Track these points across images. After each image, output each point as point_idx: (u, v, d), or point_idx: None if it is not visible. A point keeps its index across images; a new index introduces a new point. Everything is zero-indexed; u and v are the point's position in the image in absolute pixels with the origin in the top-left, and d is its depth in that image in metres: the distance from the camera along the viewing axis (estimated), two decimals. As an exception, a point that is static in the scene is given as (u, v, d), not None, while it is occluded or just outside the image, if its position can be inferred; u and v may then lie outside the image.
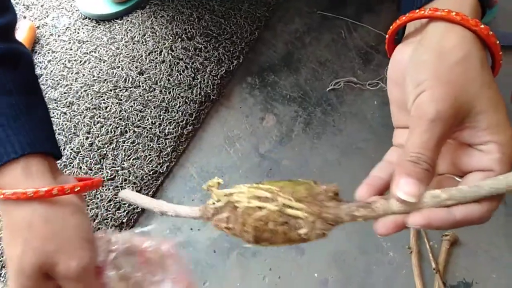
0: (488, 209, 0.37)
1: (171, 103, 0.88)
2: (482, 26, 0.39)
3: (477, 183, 0.37)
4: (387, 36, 0.46)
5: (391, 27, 0.45)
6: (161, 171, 0.84)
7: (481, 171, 0.38)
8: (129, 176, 0.82)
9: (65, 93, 0.90)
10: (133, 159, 0.84)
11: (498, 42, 0.40)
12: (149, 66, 0.93)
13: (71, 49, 0.96)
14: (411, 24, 0.45)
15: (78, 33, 0.98)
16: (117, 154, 0.84)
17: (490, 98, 0.38)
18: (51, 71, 0.93)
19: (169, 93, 0.89)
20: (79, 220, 0.47)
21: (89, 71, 0.93)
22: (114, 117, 0.87)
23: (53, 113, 0.88)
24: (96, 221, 0.78)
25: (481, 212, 0.37)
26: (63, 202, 0.47)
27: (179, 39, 0.96)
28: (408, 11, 0.43)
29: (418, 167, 0.37)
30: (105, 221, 0.78)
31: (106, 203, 0.80)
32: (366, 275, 0.79)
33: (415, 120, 0.38)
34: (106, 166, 0.83)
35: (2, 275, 0.76)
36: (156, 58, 0.94)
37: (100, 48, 0.95)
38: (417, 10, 0.42)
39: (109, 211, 0.79)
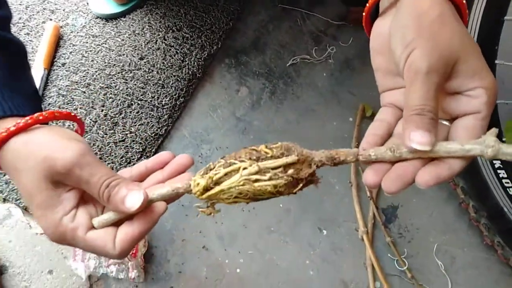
0: (462, 167, 0.34)
1: (166, 81, 0.88)
2: None
3: (473, 143, 0.33)
4: (363, 14, 0.42)
5: (367, 5, 0.41)
6: (161, 133, 0.84)
7: (470, 114, 0.35)
8: (136, 138, 0.83)
9: (83, 76, 0.90)
10: (139, 125, 0.84)
11: (464, 1, 0.36)
12: (148, 53, 0.92)
13: (87, 42, 0.94)
14: (384, 1, 0.40)
15: (92, 29, 0.96)
16: (126, 121, 0.84)
17: (471, 46, 0.34)
18: (72, 60, 0.92)
19: (164, 73, 0.89)
20: (59, 131, 0.39)
21: (101, 58, 0.92)
22: (122, 93, 0.87)
23: (75, 92, 0.88)
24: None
25: (462, 167, 0.34)
26: (41, 127, 0.40)
27: (170, 31, 0.94)
28: None
29: (424, 118, 0.33)
30: (119, 172, 0.79)
31: (119, 159, 0.81)
32: (319, 203, 0.81)
33: (411, 76, 0.34)
34: (117, 131, 0.83)
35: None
36: (153, 46, 0.93)
37: (109, 40, 0.94)
38: None
39: (122, 164, 0.80)
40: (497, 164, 0.72)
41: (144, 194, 0.36)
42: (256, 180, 0.35)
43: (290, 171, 0.36)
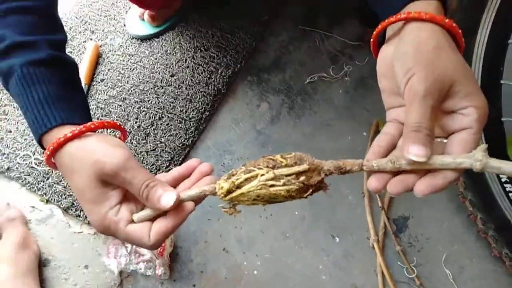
0: (455, 178, 0.38)
1: (193, 96, 0.96)
2: (447, 20, 0.39)
3: (462, 157, 0.37)
4: (371, 40, 0.45)
5: (374, 32, 0.44)
6: (188, 144, 0.92)
7: (463, 129, 0.38)
8: (165, 148, 0.90)
9: (120, 91, 0.98)
10: (168, 136, 0.92)
11: (460, 31, 0.40)
12: (178, 71, 1.00)
13: (123, 61, 1.03)
14: (390, 28, 0.44)
15: (128, 49, 1.05)
16: (157, 132, 0.92)
17: (464, 72, 0.38)
18: (110, 76, 1.01)
19: (192, 89, 0.97)
20: (107, 138, 0.46)
21: (136, 75, 1.00)
22: (154, 107, 0.95)
23: (112, 105, 0.96)
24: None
25: (456, 177, 0.38)
26: (93, 134, 0.46)
27: (199, 50, 1.02)
28: (386, 17, 0.42)
29: (421, 134, 0.37)
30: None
31: (150, 166, 0.88)
32: (332, 212, 0.86)
33: (410, 99, 0.38)
34: (149, 141, 0.91)
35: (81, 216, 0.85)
36: (183, 64, 1.00)
37: (144, 59, 1.02)
38: (394, 16, 0.42)
39: (152, 171, 0.88)
40: (504, 178, 0.75)
41: (177, 194, 0.42)
42: (272, 185, 0.40)
43: (302, 178, 0.41)
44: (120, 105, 0.96)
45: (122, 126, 0.51)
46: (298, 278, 0.80)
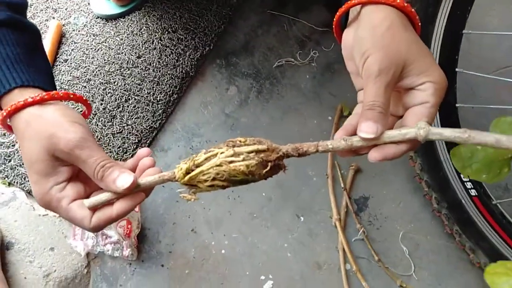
0: (407, 148, 0.40)
1: (161, 79, 0.95)
2: (398, 0, 0.41)
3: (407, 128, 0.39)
4: (333, 26, 0.47)
5: (335, 17, 0.46)
6: (155, 127, 0.91)
7: (420, 104, 0.40)
8: (132, 130, 0.89)
9: (84, 72, 0.96)
10: (135, 118, 0.91)
11: (413, 10, 0.42)
12: (145, 52, 0.98)
13: (87, 41, 1.00)
14: (351, 12, 0.45)
15: (93, 28, 1.02)
16: (123, 115, 0.91)
17: (418, 49, 0.40)
18: (74, 57, 0.98)
19: (159, 71, 0.96)
20: (69, 111, 0.44)
21: (101, 56, 0.98)
22: (120, 89, 0.93)
23: (76, 87, 0.94)
24: (110, 161, 0.85)
25: (402, 150, 0.40)
26: (54, 103, 0.44)
27: (166, 32, 1.01)
28: (345, 1, 0.43)
29: (373, 112, 0.38)
30: (116, 161, 0.86)
31: (117, 149, 0.87)
32: (298, 193, 0.89)
33: (365, 79, 0.39)
34: (115, 123, 0.90)
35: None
36: (150, 46, 0.99)
37: (109, 40, 1.00)
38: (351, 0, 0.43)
39: (119, 154, 0.87)
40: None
41: (134, 177, 0.41)
42: (231, 162, 0.40)
43: (261, 155, 0.41)
44: (85, 87, 0.94)
45: (89, 102, 0.50)
46: (264, 256, 0.83)
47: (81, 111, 0.51)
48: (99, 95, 0.93)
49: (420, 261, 0.84)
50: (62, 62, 0.97)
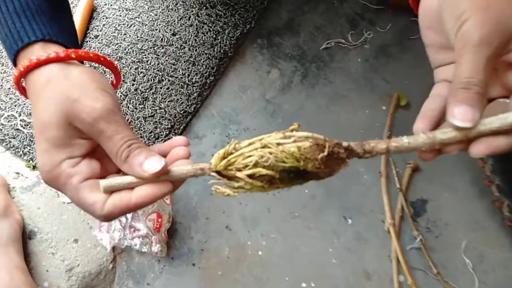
0: None
1: (197, 58, 0.87)
2: None
3: None
4: None
5: None
6: (190, 111, 0.83)
7: None
8: (165, 114, 0.82)
9: (115, 49, 0.89)
10: (168, 101, 0.83)
11: None
12: (180, 29, 0.90)
13: (120, 16, 0.93)
14: None
15: (125, 2, 0.95)
16: (156, 97, 0.84)
17: None
18: (105, 33, 0.91)
19: (196, 50, 0.88)
20: (98, 76, 0.38)
21: (134, 32, 0.90)
22: (153, 69, 0.86)
23: (107, 66, 0.88)
24: (140, 147, 0.79)
25: None
26: (81, 65, 0.38)
27: (204, 7, 0.92)
28: None
29: (469, 92, 0.30)
30: (147, 147, 0.79)
31: (148, 134, 0.80)
32: (345, 192, 0.80)
33: (460, 49, 0.32)
34: (147, 106, 0.83)
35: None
36: (186, 22, 0.91)
37: (143, 15, 0.93)
38: None
39: (150, 139, 0.80)
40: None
41: (165, 162, 0.34)
42: (280, 144, 0.32)
43: (316, 142, 0.33)
44: (116, 65, 0.87)
45: (119, 70, 0.43)
46: (305, 260, 0.74)
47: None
48: (130, 75, 0.85)
49: (485, 276, 0.73)
50: (93, 38, 0.91)
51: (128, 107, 0.82)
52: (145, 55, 0.87)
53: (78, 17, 0.90)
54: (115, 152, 0.35)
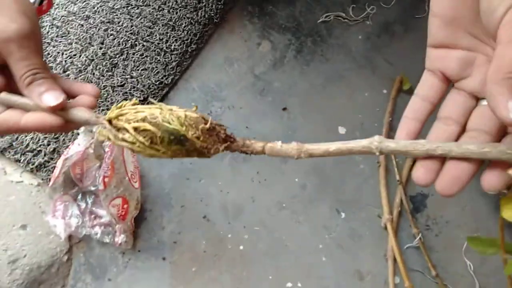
0: None
1: (177, 23, 0.76)
2: None
3: None
4: None
5: None
6: (166, 82, 0.73)
7: None
8: (137, 84, 0.72)
9: (83, 7, 0.77)
10: (141, 70, 0.73)
11: None
12: (160, -12, 0.79)
13: (89, -31, 0.81)
14: None
15: (96, -45, 0.83)
16: (127, 64, 0.73)
17: None
18: (71, -12, 0.79)
19: (176, 13, 0.77)
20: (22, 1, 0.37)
21: (105, -11, 0.79)
22: (126, 31, 0.75)
23: (71, 25, 0.75)
24: (107, 121, 0.68)
25: None
26: None
27: (188, -34, 0.82)
28: None
29: None
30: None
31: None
32: (340, 182, 0.72)
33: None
34: (116, 74, 0.72)
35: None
36: (167, -19, 0.80)
37: (116, -30, 0.81)
38: None
39: (118, 113, 0.69)
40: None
41: (64, 100, 0.35)
42: (171, 110, 0.34)
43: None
44: (82, 25, 0.76)
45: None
46: (292, 257, 0.66)
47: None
48: (98, 37, 0.74)
49: (486, 279, 0.67)
50: (56, -7, 0.78)
51: (94, 73, 0.71)
52: (117, 15, 0.76)
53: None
54: (19, 76, 0.36)
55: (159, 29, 0.75)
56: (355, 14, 0.83)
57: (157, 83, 0.72)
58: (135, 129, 0.34)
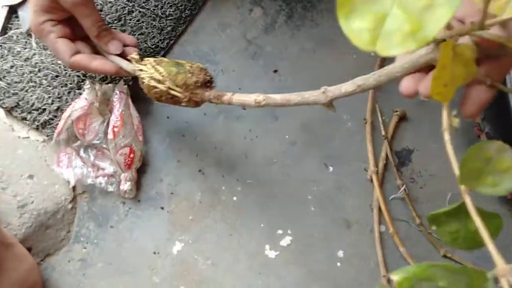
0: None
1: (172, -10, 0.81)
2: None
3: None
4: None
5: None
6: (162, 46, 0.78)
7: None
8: (135, 48, 0.77)
9: (82, -23, 0.82)
10: (138, 34, 0.77)
11: None
12: (155, -42, 0.84)
13: None
14: None
15: None
16: (125, 29, 0.77)
17: None
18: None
19: (171, -19, 0.82)
20: None
21: (103, -40, 0.84)
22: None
23: (71, -6, 0.81)
24: (106, 82, 0.73)
25: None
26: None
27: None
28: None
29: None
30: (114, 82, 0.73)
31: (115, 68, 0.75)
32: (328, 139, 0.76)
33: None
34: (115, 38, 0.77)
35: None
36: (162, -49, 0.84)
37: None
38: None
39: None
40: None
41: (121, 49, 0.61)
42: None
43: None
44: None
45: None
46: (283, 207, 0.71)
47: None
48: (98, 4, 0.79)
49: (468, 229, 0.72)
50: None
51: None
52: (115, -16, 0.81)
53: None
54: (89, 27, 0.57)
55: (154, -4, 0.80)
56: (344, -20, 0.87)
57: (153, 46, 0.77)
58: (154, 60, 0.54)
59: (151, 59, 0.54)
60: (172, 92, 0.52)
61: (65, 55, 0.57)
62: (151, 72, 0.53)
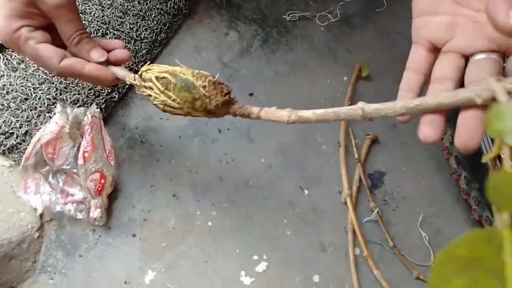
0: None
1: (147, 13, 0.81)
2: None
3: None
4: None
5: None
6: (136, 69, 0.78)
7: None
8: (108, 70, 0.76)
9: (54, -2, 0.81)
10: (112, 57, 0.77)
11: None
12: (130, -19, 0.84)
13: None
14: None
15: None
16: (99, 51, 0.77)
17: None
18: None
19: (146, 4, 0.81)
20: None
21: (77, -19, 0.83)
22: (97, 21, 0.79)
23: (43, 15, 0.79)
24: (77, 105, 0.72)
25: None
26: None
27: (158, -40, 0.87)
28: None
29: None
30: (85, 105, 0.72)
31: (87, 91, 0.73)
32: (303, 162, 0.77)
33: None
34: (88, 60, 0.76)
35: None
36: (137, -26, 0.85)
37: (87, -37, 0.85)
38: None
39: (89, 97, 0.73)
40: (496, 133, 0.69)
41: (106, 56, 0.52)
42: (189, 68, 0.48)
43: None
44: None
45: None
46: (258, 231, 0.71)
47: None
48: (70, 26, 0.78)
49: (440, 249, 0.73)
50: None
51: (66, 60, 0.75)
52: (89, 6, 0.80)
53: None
54: (69, 35, 0.49)
55: (129, 19, 0.80)
56: (317, 8, 0.90)
57: (128, 69, 0.76)
58: (156, 78, 0.45)
59: (152, 76, 0.45)
60: (194, 115, 0.46)
61: (52, 61, 0.48)
62: (162, 99, 0.45)
